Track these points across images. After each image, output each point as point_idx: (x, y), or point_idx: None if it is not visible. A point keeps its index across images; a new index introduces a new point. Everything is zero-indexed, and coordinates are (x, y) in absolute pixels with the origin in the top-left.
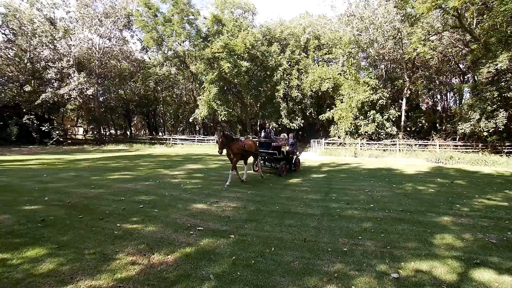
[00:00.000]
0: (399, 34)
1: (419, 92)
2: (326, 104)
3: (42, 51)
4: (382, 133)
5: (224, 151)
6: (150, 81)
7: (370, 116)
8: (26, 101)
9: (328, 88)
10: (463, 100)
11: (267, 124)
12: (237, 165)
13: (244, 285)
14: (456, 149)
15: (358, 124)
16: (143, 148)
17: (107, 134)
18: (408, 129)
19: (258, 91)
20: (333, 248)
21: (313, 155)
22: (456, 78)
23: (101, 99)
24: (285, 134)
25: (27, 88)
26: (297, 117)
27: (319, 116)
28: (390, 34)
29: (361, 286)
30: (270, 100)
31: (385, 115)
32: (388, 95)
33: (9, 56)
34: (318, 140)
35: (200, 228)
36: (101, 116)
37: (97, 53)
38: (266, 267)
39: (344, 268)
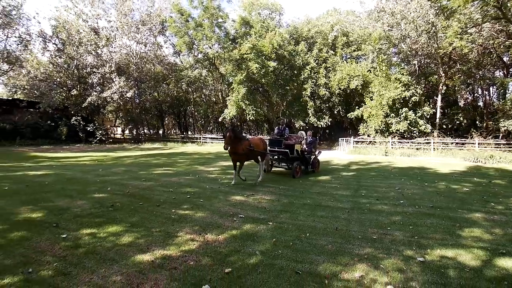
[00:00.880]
0: (433, 28)
1: (456, 88)
2: (355, 102)
3: (87, 58)
4: (415, 131)
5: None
6: (183, 83)
7: (402, 114)
8: (73, 104)
9: (357, 85)
10: (507, 95)
11: (281, 121)
12: (237, 165)
13: (285, 260)
14: (497, 148)
15: (389, 122)
16: (176, 146)
17: (142, 133)
18: (444, 126)
19: (285, 90)
20: (363, 236)
21: (341, 154)
22: (499, 71)
23: (137, 101)
24: (303, 132)
25: (74, 92)
26: (324, 116)
27: (348, 114)
28: (424, 28)
29: (388, 266)
30: (297, 98)
31: (418, 113)
32: (421, 92)
33: (59, 63)
34: (346, 138)
35: (241, 215)
36: (137, 116)
37: (134, 58)
38: (303, 248)
39: (373, 252)
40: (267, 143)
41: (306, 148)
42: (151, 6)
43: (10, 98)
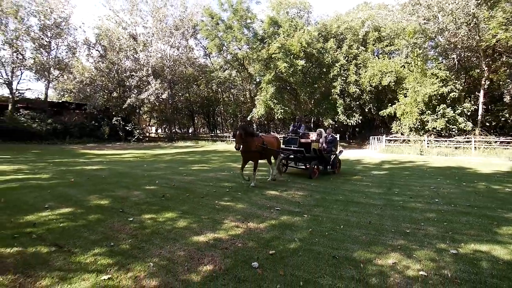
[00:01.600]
0: (474, 19)
1: (501, 82)
2: (387, 99)
3: (126, 63)
4: (453, 129)
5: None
6: (213, 83)
7: (439, 111)
8: (114, 105)
9: (389, 82)
10: None
11: (297, 117)
12: (245, 166)
13: (322, 247)
14: None
15: (425, 119)
16: (207, 144)
17: (175, 132)
18: (487, 124)
19: (313, 88)
20: (396, 230)
21: (372, 153)
22: None
23: (170, 101)
24: (322, 130)
25: (114, 94)
26: (354, 113)
27: (379, 112)
28: (464, 20)
29: (421, 256)
30: (326, 96)
31: (457, 109)
32: (461, 87)
33: (101, 68)
34: (377, 137)
35: (277, 208)
36: (171, 116)
37: (168, 61)
38: (338, 237)
39: (407, 244)
40: (282, 141)
41: (325, 147)
42: (184, 11)
43: (60, 101)
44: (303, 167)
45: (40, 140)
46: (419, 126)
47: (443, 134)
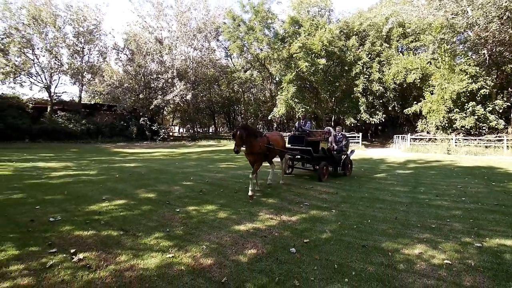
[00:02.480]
0: (507, 13)
1: None
2: (412, 97)
3: (152, 66)
4: (484, 128)
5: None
6: (235, 84)
7: (468, 108)
8: (141, 106)
9: (415, 79)
10: None
11: (302, 114)
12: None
13: (352, 237)
14: None
15: (453, 117)
16: (229, 144)
17: (197, 131)
18: None
19: (334, 86)
20: (422, 225)
21: (396, 152)
22: None
23: (193, 102)
24: (330, 128)
25: (141, 96)
26: (377, 112)
27: (404, 110)
28: (495, 14)
29: (446, 248)
30: (347, 95)
31: (488, 107)
32: (492, 83)
33: (129, 71)
34: (402, 135)
35: (306, 203)
36: (194, 116)
37: (191, 63)
38: (366, 230)
39: (432, 237)
40: (287, 140)
41: (335, 147)
42: (206, 14)
43: (92, 103)
44: (311, 168)
45: (75, 140)
46: (446, 125)
47: (472, 133)
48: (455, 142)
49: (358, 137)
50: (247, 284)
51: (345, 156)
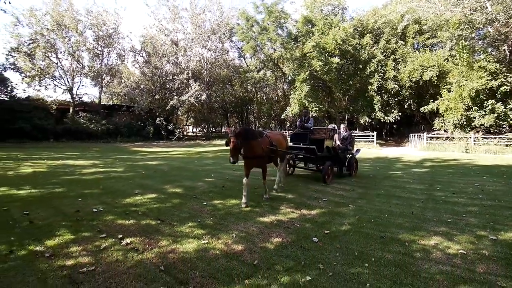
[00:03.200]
0: None
1: None
2: (429, 95)
3: (168, 67)
4: (504, 126)
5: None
6: (248, 84)
7: (487, 106)
8: (157, 107)
9: (431, 77)
10: None
11: (304, 110)
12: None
13: (370, 230)
14: None
15: (471, 115)
16: None
17: (211, 131)
18: None
19: (348, 85)
20: (438, 219)
21: (412, 150)
22: None
23: (207, 102)
24: (334, 125)
25: (157, 96)
26: (393, 110)
27: (420, 108)
28: None
29: (461, 239)
30: (362, 93)
31: (509, 104)
32: None
33: (146, 73)
34: (418, 134)
35: (324, 199)
36: (208, 116)
37: (206, 64)
38: (383, 223)
39: (448, 230)
40: (289, 138)
41: (340, 145)
42: (220, 15)
43: (111, 104)
44: (314, 168)
45: (96, 139)
46: (464, 123)
47: (492, 131)
48: (474, 141)
49: (373, 136)
50: (276, 266)
51: (350, 155)
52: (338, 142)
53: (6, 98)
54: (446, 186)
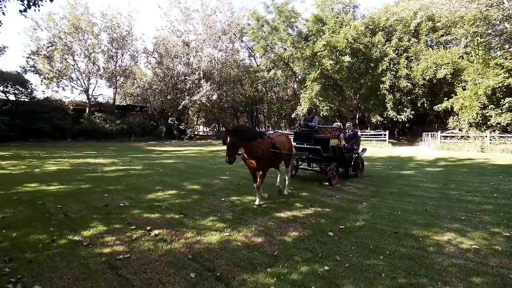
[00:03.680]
0: None
1: None
2: (443, 93)
3: (180, 68)
4: None
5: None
6: (259, 84)
7: (504, 104)
8: (169, 107)
9: (445, 74)
10: None
11: (309, 108)
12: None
13: (384, 225)
14: None
15: (487, 114)
16: None
17: (221, 130)
18: None
19: (359, 84)
20: (451, 217)
21: (425, 150)
22: None
23: (218, 101)
24: (339, 123)
25: (169, 96)
26: (405, 109)
27: (434, 107)
28: None
29: (475, 236)
30: (373, 92)
31: None
32: None
33: (158, 74)
34: (432, 133)
35: (337, 197)
36: (219, 115)
37: (216, 64)
38: (397, 220)
39: (461, 227)
40: (292, 138)
41: (346, 145)
42: (231, 16)
43: (125, 104)
44: (318, 169)
45: (111, 139)
46: (480, 121)
47: (509, 130)
48: (490, 140)
49: (385, 135)
50: (295, 257)
51: (356, 155)
52: (343, 142)
53: (26, 100)
54: (460, 185)
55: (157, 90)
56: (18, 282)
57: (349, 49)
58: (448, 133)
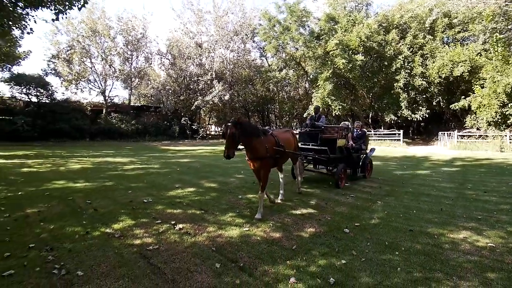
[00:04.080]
0: None
1: None
2: (460, 91)
3: (192, 68)
4: None
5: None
6: (270, 83)
7: None
8: (182, 107)
9: (462, 72)
10: None
11: (315, 107)
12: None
13: (399, 223)
14: None
15: (507, 112)
16: None
17: None
18: None
19: (373, 82)
20: (467, 216)
21: (441, 149)
22: None
23: (229, 101)
24: (346, 122)
25: (182, 97)
26: (420, 107)
27: (450, 105)
28: None
29: (491, 234)
30: (387, 91)
31: None
32: None
33: (172, 75)
34: (448, 132)
35: (352, 195)
36: (230, 115)
37: (228, 65)
38: (412, 218)
39: (478, 226)
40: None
41: (353, 145)
42: (243, 17)
43: (139, 105)
44: (324, 170)
45: (127, 138)
46: (499, 120)
47: None
48: (510, 139)
49: (399, 134)
50: (313, 251)
51: (364, 155)
52: (351, 142)
53: (47, 101)
54: (478, 185)
55: (170, 91)
56: (62, 268)
57: (362, 47)
58: (466, 132)
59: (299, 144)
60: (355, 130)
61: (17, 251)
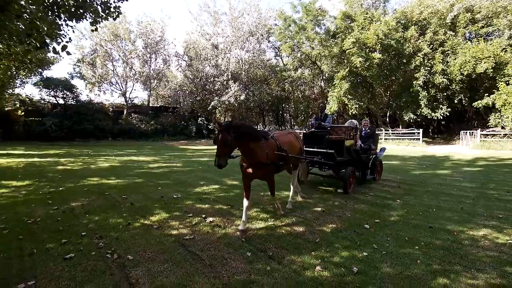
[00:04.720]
0: None
1: None
2: (484, 88)
3: (209, 70)
4: None
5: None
6: (285, 83)
7: None
8: (199, 107)
9: (486, 69)
10: None
11: (321, 106)
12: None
13: (418, 221)
14: None
15: None
16: None
17: None
18: None
19: (391, 80)
20: (488, 215)
21: (463, 149)
22: None
23: (245, 101)
24: (354, 121)
25: (198, 98)
26: (441, 106)
27: (473, 103)
28: None
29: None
30: (406, 89)
31: None
32: None
33: (189, 76)
34: (471, 131)
35: (371, 194)
36: (246, 115)
37: (244, 65)
38: (432, 216)
39: (498, 224)
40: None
41: (362, 145)
42: (258, 17)
43: (158, 105)
44: (331, 173)
45: (146, 138)
46: None
47: None
48: None
49: (418, 133)
50: (335, 244)
51: (374, 156)
52: (359, 142)
53: (73, 103)
54: (501, 185)
55: (187, 92)
56: (113, 253)
57: (379, 45)
58: (489, 131)
59: (305, 147)
60: (363, 129)
61: (72, 238)
